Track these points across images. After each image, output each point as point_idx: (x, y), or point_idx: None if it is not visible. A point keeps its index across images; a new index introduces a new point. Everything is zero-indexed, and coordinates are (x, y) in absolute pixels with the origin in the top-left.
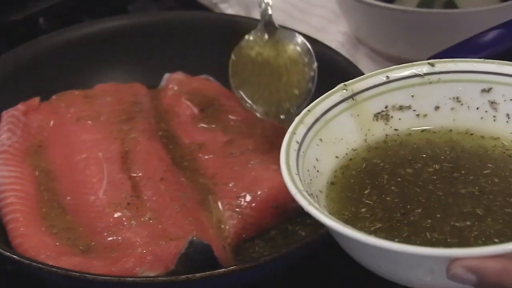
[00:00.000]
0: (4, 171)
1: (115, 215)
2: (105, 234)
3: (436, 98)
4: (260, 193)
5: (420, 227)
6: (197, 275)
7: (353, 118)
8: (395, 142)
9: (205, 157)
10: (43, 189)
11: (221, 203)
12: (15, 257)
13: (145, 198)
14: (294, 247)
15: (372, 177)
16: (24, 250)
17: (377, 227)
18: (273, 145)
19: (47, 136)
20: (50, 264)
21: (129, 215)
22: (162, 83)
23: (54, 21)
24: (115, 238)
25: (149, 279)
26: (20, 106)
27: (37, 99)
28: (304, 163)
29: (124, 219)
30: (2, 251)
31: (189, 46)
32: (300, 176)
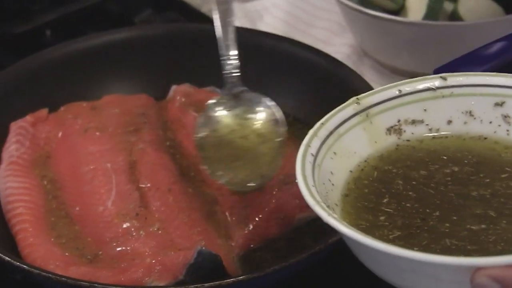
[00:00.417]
0: (13, 182)
1: (124, 226)
2: (113, 244)
3: (448, 112)
4: (267, 204)
5: (439, 232)
6: (205, 284)
7: (365, 132)
8: (407, 147)
9: None
10: (51, 200)
11: (228, 213)
12: (25, 267)
13: (153, 208)
14: (302, 256)
15: (387, 185)
16: (33, 260)
17: (395, 235)
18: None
19: (55, 147)
20: (59, 274)
21: (137, 225)
22: (169, 94)
23: (60, 33)
24: (123, 248)
25: None
26: (28, 117)
27: (45, 111)
28: (320, 176)
29: (133, 229)
30: (12, 261)
31: (195, 58)
32: (316, 188)
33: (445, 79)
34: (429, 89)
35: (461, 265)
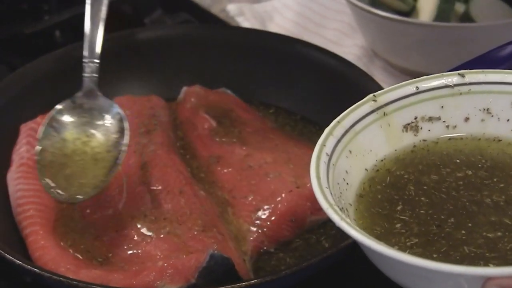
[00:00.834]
0: (24, 184)
1: (135, 228)
2: (124, 247)
3: (466, 109)
4: (279, 206)
5: (456, 239)
6: None
7: (382, 129)
8: (422, 150)
9: (224, 170)
10: None
11: (240, 216)
12: (36, 270)
13: (164, 211)
14: (315, 260)
15: (399, 191)
16: (44, 263)
17: (413, 242)
18: (290, 157)
19: None
20: (70, 277)
21: (148, 228)
22: (180, 96)
23: (70, 34)
24: (135, 251)
25: None
26: (39, 119)
27: None
28: (334, 175)
29: (144, 232)
30: (23, 264)
31: (206, 59)
32: (330, 189)
33: (463, 76)
34: (446, 86)
35: (470, 274)
